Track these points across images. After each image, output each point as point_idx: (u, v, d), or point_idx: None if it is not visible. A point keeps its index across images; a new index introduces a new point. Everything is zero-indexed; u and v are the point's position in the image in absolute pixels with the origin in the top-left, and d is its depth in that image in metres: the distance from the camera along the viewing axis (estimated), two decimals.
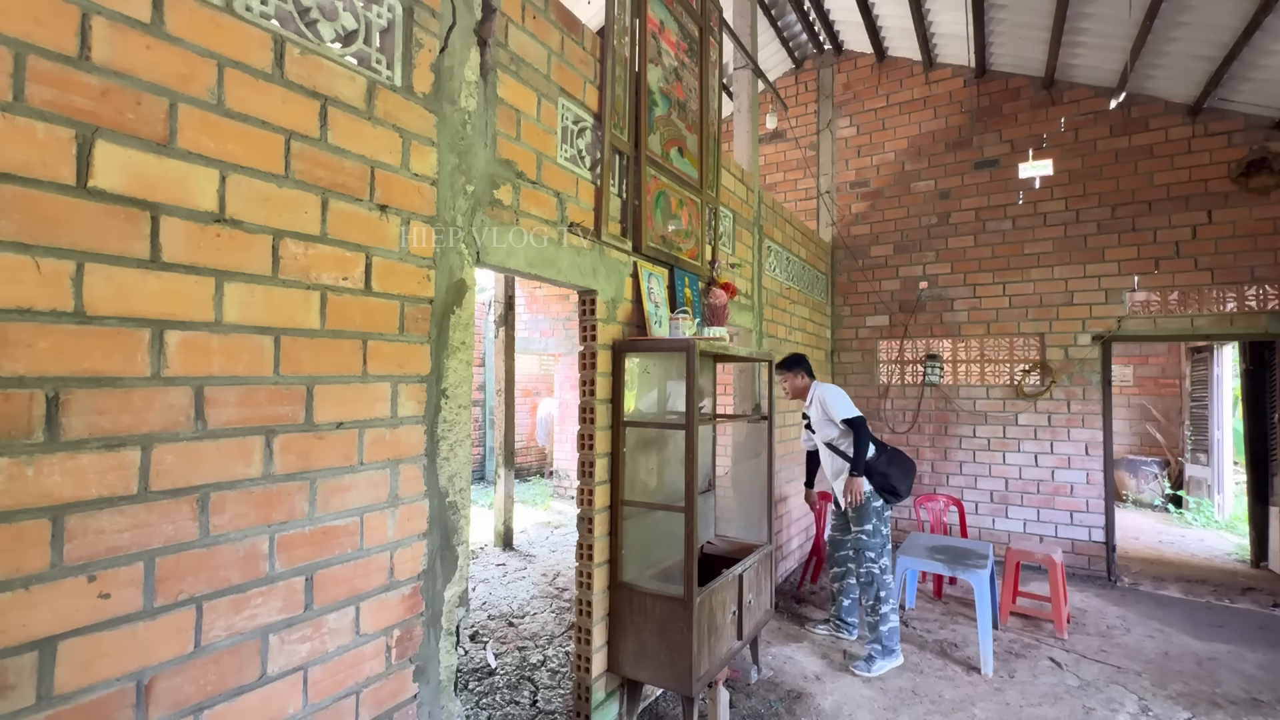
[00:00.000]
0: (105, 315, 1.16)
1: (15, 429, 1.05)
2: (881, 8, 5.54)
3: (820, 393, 3.57)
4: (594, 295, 2.56)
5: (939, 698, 3.04)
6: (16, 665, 1.04)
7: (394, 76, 1.71)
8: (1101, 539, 4.93)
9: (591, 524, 2.52)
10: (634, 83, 2.75)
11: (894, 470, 3.48)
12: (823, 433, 3.60)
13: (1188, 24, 4.02)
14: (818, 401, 3.58)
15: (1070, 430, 5.08)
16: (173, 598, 1.24)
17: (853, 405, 3.50)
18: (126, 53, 1.19)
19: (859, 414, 3.45)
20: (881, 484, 3.43)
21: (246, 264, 1.37)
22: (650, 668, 2.48)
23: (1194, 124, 4.75)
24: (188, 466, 1.27)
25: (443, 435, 1.84)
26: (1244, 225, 4.57)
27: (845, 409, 3.47)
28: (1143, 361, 8.38)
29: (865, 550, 3.40)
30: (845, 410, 3.46)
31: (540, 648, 3.53)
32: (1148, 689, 3.14)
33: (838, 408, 3.47)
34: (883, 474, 3.45)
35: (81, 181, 1.13)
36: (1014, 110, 5.42)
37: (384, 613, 1.67)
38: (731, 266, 3.87)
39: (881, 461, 3.49)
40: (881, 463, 3.48)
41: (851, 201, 6.17)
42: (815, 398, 3.61)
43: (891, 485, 3.43)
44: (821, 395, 3.55)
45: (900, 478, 3.46)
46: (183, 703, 1.25)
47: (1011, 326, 5.34)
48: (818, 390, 3.61)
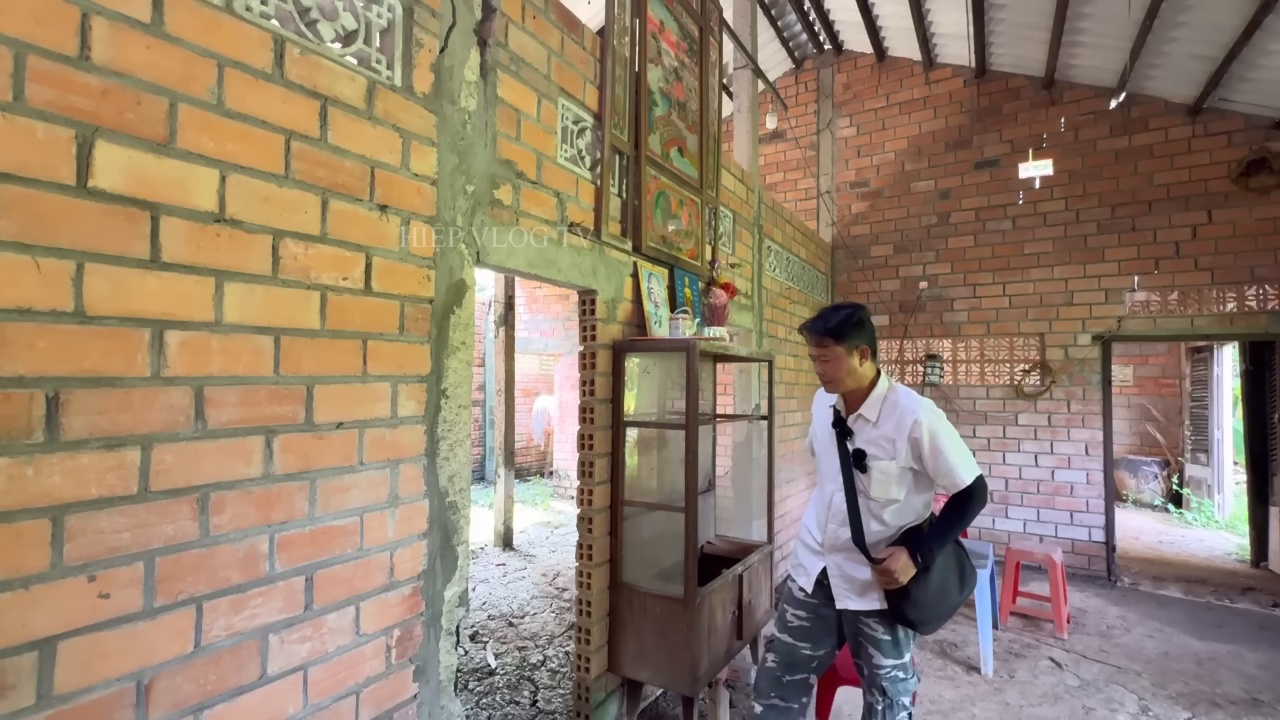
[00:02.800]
0: (105, 315, 1.16)
1: (15, 429, 1.05)
2: (881, 8, 5.54)
3: (920, 416, 1.85)
4: (594, 295, 2.56)
5: (939, 698, 3.04)
6: (16, 665, 1.04)
7: (394, 76, 1.71)
8: (1101, 539, 4.93)
9: (591, 524, 2.52)
10: (634, 83, 2.75)
11: (955, 581, 1.94)
12: (885, 483, 1.90)
13: (1187, 24, 4.02)
14: (907, 428, 1.86)
15: (1070, 430, 5.08)
16: (173, 598, 1.24)
17: (969, 452, 1.90)
18: (126, 53, 1.19)
19: (980, 472, 1.88)
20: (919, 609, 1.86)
21: (246, 264, 1.37)
22: (650, 668, 2.48)
23: (1194, 124, 4.75)
24: (188, 466, 1.27)
25: (443, 435, 1.84)
26: (1244, 225, 4.57)
27: (966, 462, 1.85)
28: (1143, 361, 8.38)
29: (897, 695, 1.93)
30: (966, 465, 1.85)
31: (540, 648, 3.53)
32: (1148, 689, 3.14)
33: (955, 459, 1.84)
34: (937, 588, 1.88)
35: (81, 181, 1.13)
36: (1014, 110, 5.42)
37: (384, 613, 1.67)
38: (731, 266, 3.87)
39: (949, 562, 1.93)
40: (948, 564, 1.92)
41: (851, 201, 6.17)
42: (898, 417, 1.90)
43: (938, 614, 1.89)
44: (928, 425, 1.84)
45: (956, 593, 1.94)
46: (183, 703, 1.25)
47: (1011, 326, 5.34)
48: (911, 407, 1.89)
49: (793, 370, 5.04)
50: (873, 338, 1.95)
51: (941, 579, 1.88)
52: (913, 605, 1.84)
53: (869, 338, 1.93)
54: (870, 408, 1.94)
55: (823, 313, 1.97)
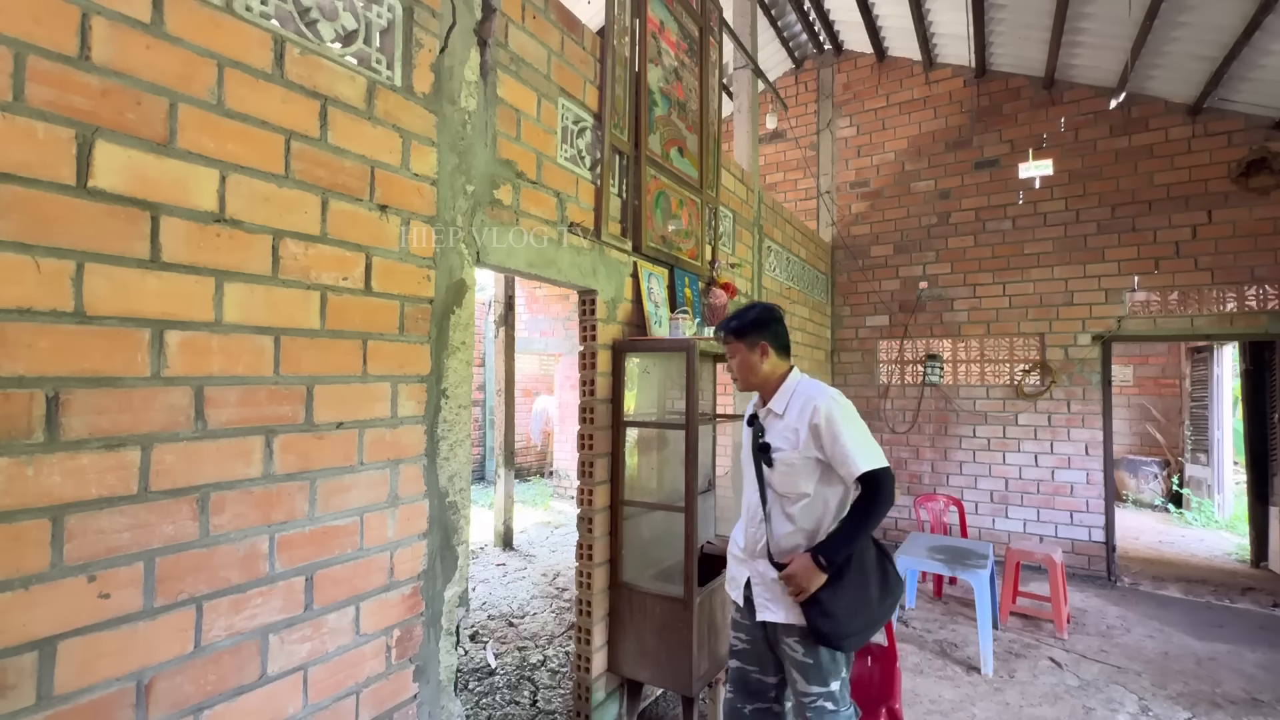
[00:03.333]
0: (105, 315, 1.16)
1: (15, 429, 1.05)
2: (881, 8, 5.54)
3: (820, 402, 1.79)
4: (594, 295, 2.56)
5: (939, 697, 3.04)
6: (16, 665, 1.04)
7: (394, 76, 1.71)
8: (1101, 539, 4.93)
9: (591, 524, 2.52)
10: (634, 83, 2.75)
11: (875, 591, 1.78)
12: (791, 476, 1.82)
13: (1188, 24, 4.01)
14: (808, 415, 1.80)
15: (1070, 430, 5.08)
16: (173, 598, 1.24)
17: (874, 442, 1.79)
18: (126, 53, 1.19)
19: (886, 464, 1.74)
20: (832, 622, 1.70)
21: (246, 264, 1.37)
22: (650, 668, 2.48)
23: (1194, 124, 4.75)
24: (188, 466, 1.27)
25: (443, 435, 1.84)
26: (1244, 225, 4.57)
27: (867, 450, 1.74)
28: (1143, 361, 8.38)
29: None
30: (865, 453, 1.73)
31: (540, 648, 3.53)
32: (1148, 689, 3.14)
33: (853, 446, 1.73)
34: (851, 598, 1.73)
35: (81, 181, 1.13)
36: (1014, 110, 5.42)
37: (384, 613, 1.67)
38: (731, 266, 3.87)
39: (865, 568, 1.78)
40: (864, 570, 1.77)
41: (851, 201, 6.17)
42: (801, 406, 1.84)
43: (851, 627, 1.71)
44: (825, 410, 1.77)
45: (876, 604, 1.77)
46: (183, 703, 1.25)
47: (1011, 326, 5.34)
48: (812, 395, 1.84)
49: None
50: (776, 336, 1.92)
51: (857, 587, 1.74)
52: (823, 616, 1.69)
53: (771, 335, 1.91)
54: (779, 400, 1.90)
55: (734, 313, 1.99)
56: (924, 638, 3.73)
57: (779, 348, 1.93)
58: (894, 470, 1.76)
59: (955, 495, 5.26)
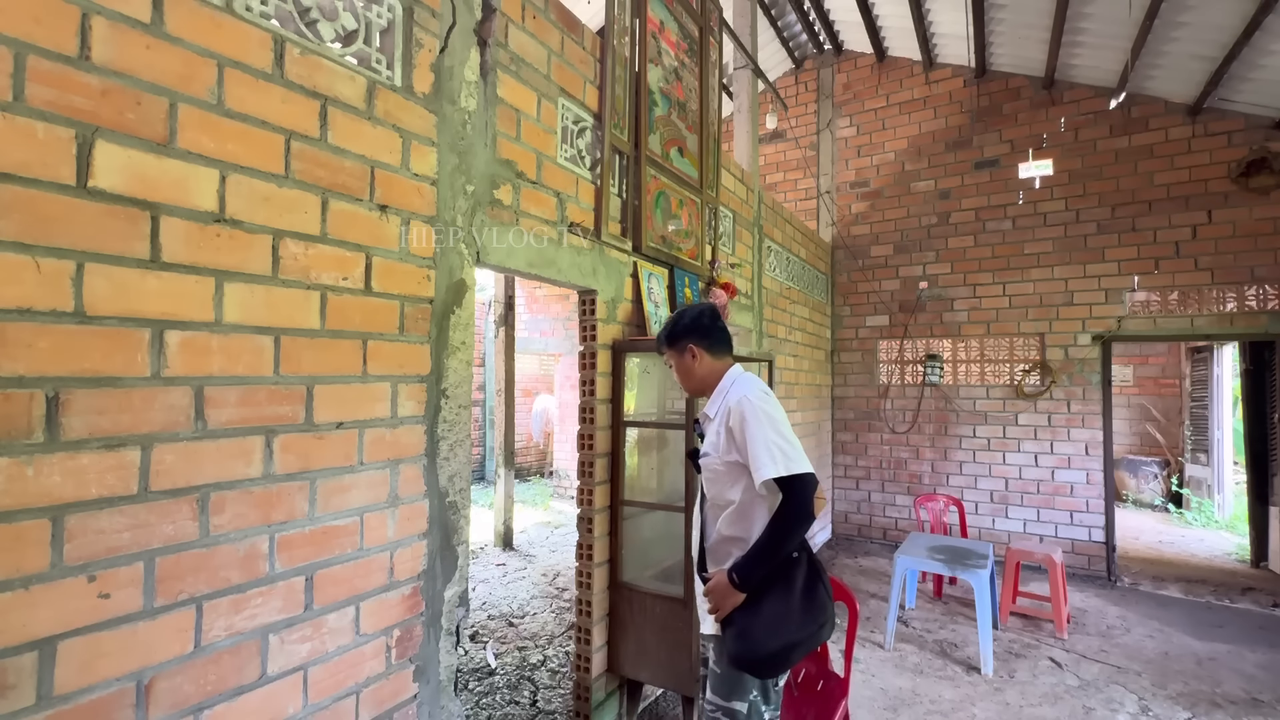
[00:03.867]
0: (105, 315, 1.16)
1: (15, 429, 1.05)
2: (881, 8, 5.54)
3: (733, 402, 1.68)
4: (594, 295, 2.56)
5: (939, 698, 3.04)
6: (16, 665, 1.04)
7: (394, 76, 1.71)
8: (1101, 539, 4.93)
9: (591, 524, 2.52)
10: (634, 83, 2.75)
11: (797, 615, 1.59)
12: (716, 483, 1.73)
13: (1188, 24, 4.02)
14: (725, 416, 1.69)
15: (1070, 430, 5.08)
16: (173, 598, 1.24)
17: (797, 445, 1.60)
18: (126, 53, 1.19)
19: (807, 471, 1.55)
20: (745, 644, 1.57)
21: (246, 264, 1.37)
22: (650, 668, 2.48)
23: (1194, 124, 4.75)
24: (188, 466, 1.27)
25: (443, 435, 1.84)
26: (1244, 225, 4.57)
27: (777, 453, 1.56)
28: (1143, 361, 8.38)
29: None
30: (775, 455, 1.56)
31: (540, 648, 3.53)
32: (1148, 689, 3.14)
33: (761, 448, 1.57)
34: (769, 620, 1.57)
35: (81, 181, 1.13)
36: (1014, 110, 5.42)
37: (384, 613, 1.67)
38: (731, 266, 3.87)
39: (790, 588, 1.61)
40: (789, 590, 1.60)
41: (851, 201, 6.17)
42: (721, 407, 1.73)
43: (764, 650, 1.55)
44: (738, 409, 1.65)
45: (795, 628, 1.58)
46: (183, 703, 1.25)
47: (1011, 326, 5.35)
48: (736, 393, 1.70)
49: (792, 370, 5.05)
50: (707, 335, 1.81)
51: (776, 608, 1.57)
52: (737, 637, 1.58)
53: (699, 337, 1.81)
54: (711, 403, 1.80)
55: (666, 321, 1.91)
56: (924, 638, 3.73)
57: (711, 347, 1.81)
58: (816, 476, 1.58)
59: (955, 495, 5.27)
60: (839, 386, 6.14)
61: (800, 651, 1.59)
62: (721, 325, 1.86)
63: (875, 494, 5.90)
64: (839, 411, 6.12)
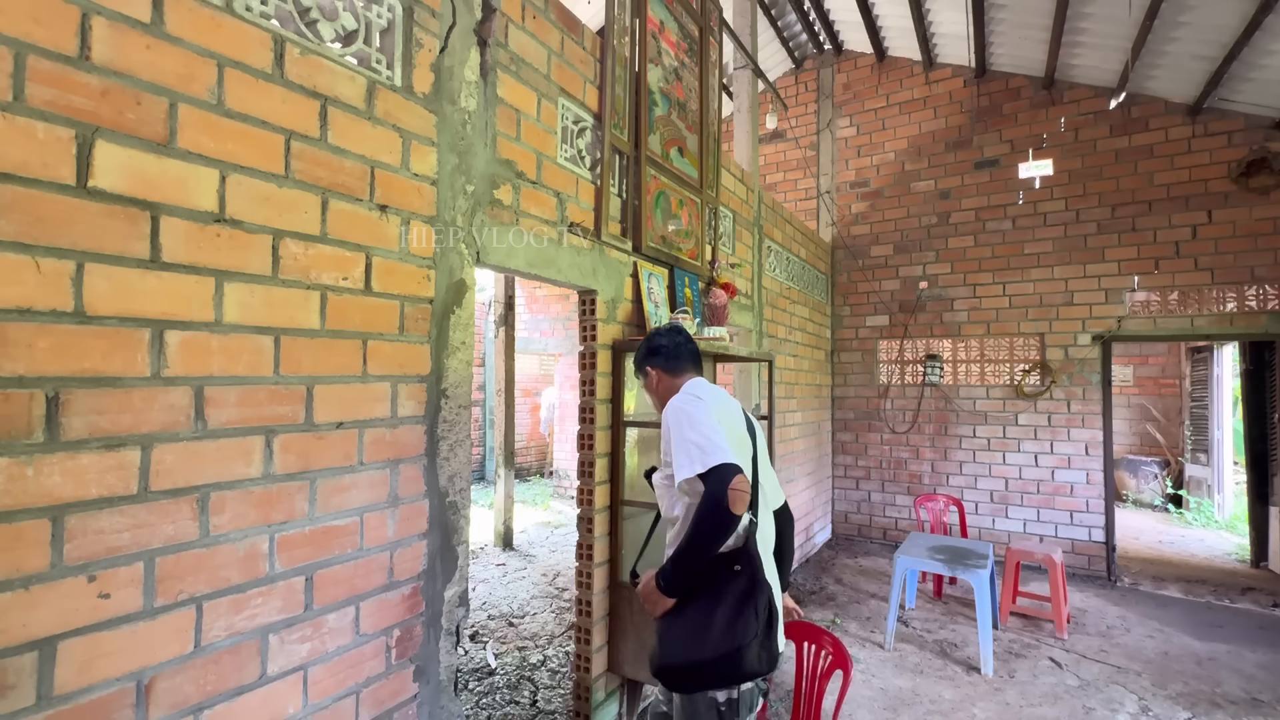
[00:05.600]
0: (105, 315, 1.16)
1: (15, 429, 1.05)
2: (881, 8, 5.54)
3: (667, 408, 1.65)
4: (594, 295, 2.56)
5: (939, 698, 3.04)
6: (16, 665, 1.04)
7: (394, 76, 1.71)
8: (1101, 539, 4.93)
9: (591, 524, 2.52)
10: (634, 83, 2.75)
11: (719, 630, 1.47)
12: (663, 497, 1.75)
13: (1188, 24, 4.02)
14: (663, 426, 1.66)
15: (1070, 430, 5.08)
16: (173, 598, 1.24)
17: (714, 439, 1.48)
18: (126, 53, 1.19)
19: (723, 461, 1.43)
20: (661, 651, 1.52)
21: (246, 264, 1.37)
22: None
23: (1194, 124, 4.75)
24: (188, 466, 1.27)
25: (443, 435, 1.84)
26: (1244, 225, 4.57)
27: (694, 451, 1.47)
28: (1143, 361, 8.38)
29: None
30: (692, 454, 1.47)
31: (540, 648, 3.53)
32: (1148, 689, 3.14)
33: (678, 447, 1.51)
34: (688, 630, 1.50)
35: (81, 181, 1.13)
36: (1014, 110, 5.42)
37: (384, 613, 1.67)
38: (731, 266, 3.87)
39: (718, 599, 1.51)
40: (715, 601, 1.51)
41: (851, 201, 6.17)
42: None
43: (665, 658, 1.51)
44: (666, 417, 1.63)
45: (720, 636, 1.47)
46: (183, 703, 1.25)
47: (1011, 326, 5.35)
48: (671, 401, 1.66)
49: (792, 370, 5.05)
50: (660, 354, 1.82)
51: (697, 615, 1.49)
52: (658, 643, 1.54)
53: (655, 357, 1.83)
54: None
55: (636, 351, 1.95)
56: (924, 638, 3.73)
57: (668, 365, 1.81)
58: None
59: (955, 495, 5.27)
60: (839, 386, 6.14)
61: (719, 672, 1.48)
62: (680, 341, 1.85)
63: (875, 494, 5.90)
64: (839, 411, 6.12)
